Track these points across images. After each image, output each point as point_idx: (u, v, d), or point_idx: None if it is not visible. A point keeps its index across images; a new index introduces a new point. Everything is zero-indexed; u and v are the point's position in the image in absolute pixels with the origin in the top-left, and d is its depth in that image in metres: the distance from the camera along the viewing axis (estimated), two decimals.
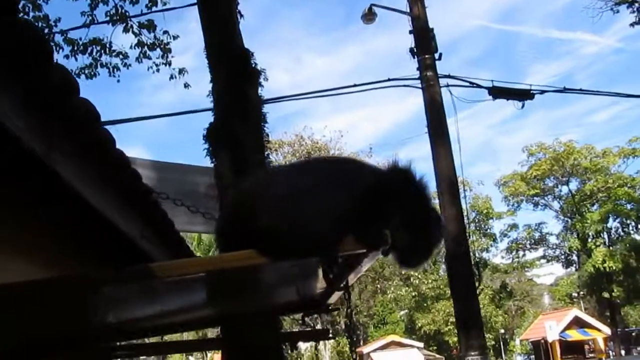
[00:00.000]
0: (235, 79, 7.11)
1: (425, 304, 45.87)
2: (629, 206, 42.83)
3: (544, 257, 50.31)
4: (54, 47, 11.97)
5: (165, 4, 12.52)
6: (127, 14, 12.16)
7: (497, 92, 11.50)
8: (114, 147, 2.44)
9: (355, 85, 11.79)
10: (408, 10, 11.34)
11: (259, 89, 7.46)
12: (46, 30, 12.03)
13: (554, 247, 49.55)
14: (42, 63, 1.78)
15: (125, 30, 12.44)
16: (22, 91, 1.82)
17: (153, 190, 4.56)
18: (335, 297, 2.99)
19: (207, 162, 7.79)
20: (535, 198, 47.10)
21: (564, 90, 12.21)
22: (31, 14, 11.88)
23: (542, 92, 11.75)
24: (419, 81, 10.96)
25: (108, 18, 12.35)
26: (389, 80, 11.38)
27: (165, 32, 12.59)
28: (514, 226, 48.77)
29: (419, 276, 44.59)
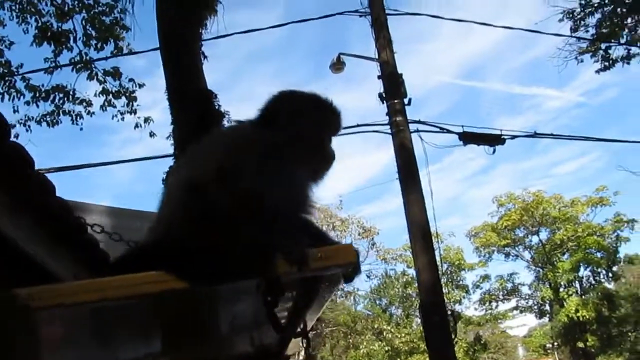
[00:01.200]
0: (197, 120, 6.78)
1: (398, 359, 44.90)
2: (599, 254, 42.95)
3: (516, 307, 49.88)
4: (15, 94, 11.63)
5: (130, 51, 12.33)
6: (91, 59, 11.86)
7: (468, 138, 11.36)
8: (30, 167, 2.04)
9: None
10: (376, 57, 11.24)
11: None
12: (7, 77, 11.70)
13: (527, 297, 49.22)
14: None
15: (90, 77, 12.16)
16: None
17: (103, 229, 4.14)
18: (293, 345, 2.58)
19: None
20: (506, 248, 46.98)
21: (535, 135, 12.14)
22: None
23: (513, 137, 11.63)
24: (388, 127, 10.78)
25: (72, 65, 12.08)
26: (357, 125, 11.16)
27: (131, 79, 12.35)
28: (486, 277, 48.44)
29: (392, 330, 43.77)
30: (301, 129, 2.11)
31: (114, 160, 11.75)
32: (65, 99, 12.18)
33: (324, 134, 2.23)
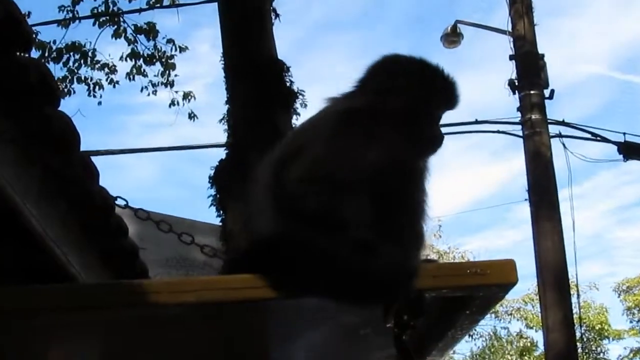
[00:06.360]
0: (260, 99, 6.84)
1: None
2: None
3: None
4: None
5: (173, 2, 12.46)
6: (120, 10, 12.08)
7: (631, 151, 11.02)
8: (77, 145, 2.21)
9: None
10: (509, 29, 11.03)
11: (294, 117, 7.16)
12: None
13: None
14: None
15: (117, 35, 12.30)
16: None
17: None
18: None
19: (213, 217, 7.42)
20: None
21: None
22: None
23: None
24: (519, 127, 10.64)
25: (94, 16, 12.26)
26: (476, 122, 11.07)
27: (170, 40, 12.54)
28: (638, 352, 47.03)
29: None
30: (407, 99, 2.22)
31: (142, 148, 12.03)
32: (83, 61, 12.40)
33: (434, 108, 2.33)
